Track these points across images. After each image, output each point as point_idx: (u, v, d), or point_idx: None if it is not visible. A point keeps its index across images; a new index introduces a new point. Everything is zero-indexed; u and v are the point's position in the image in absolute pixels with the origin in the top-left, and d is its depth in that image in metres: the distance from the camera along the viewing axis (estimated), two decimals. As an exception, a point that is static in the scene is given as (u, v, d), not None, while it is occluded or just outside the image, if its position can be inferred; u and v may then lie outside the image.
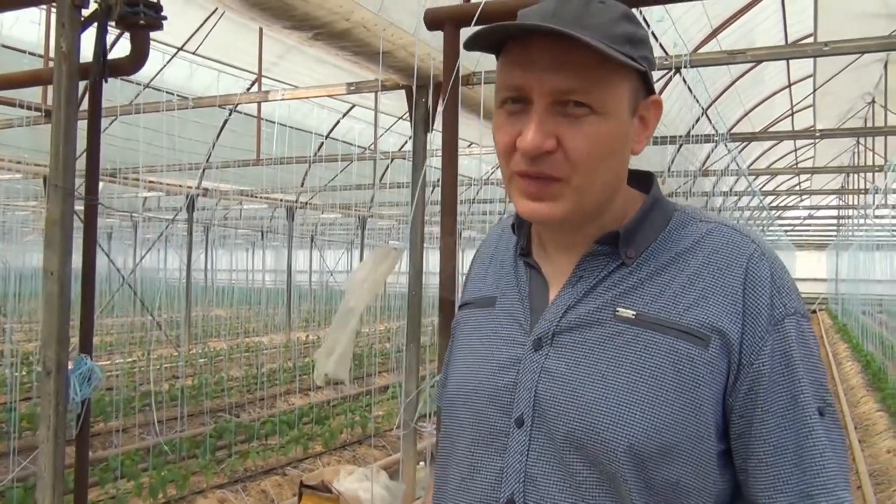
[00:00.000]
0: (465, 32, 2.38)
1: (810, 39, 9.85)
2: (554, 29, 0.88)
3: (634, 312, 0.95)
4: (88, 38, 2.81)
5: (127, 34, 2.93)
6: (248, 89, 9.72)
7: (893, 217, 18.55)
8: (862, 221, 16.69)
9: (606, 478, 0.91)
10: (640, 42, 0.95)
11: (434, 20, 2.42)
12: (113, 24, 2.72)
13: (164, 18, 2.79)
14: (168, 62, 8.83)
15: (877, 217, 16.02)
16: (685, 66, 4.31)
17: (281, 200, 13.86)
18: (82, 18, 2.72)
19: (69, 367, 2.79)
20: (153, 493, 5.17)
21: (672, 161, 11.62)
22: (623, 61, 0.90)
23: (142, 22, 2.71)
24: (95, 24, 2.73)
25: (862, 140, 13.19)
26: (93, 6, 2.77)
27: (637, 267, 0.98)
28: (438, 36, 2.64)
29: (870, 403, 9.54)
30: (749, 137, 10.16)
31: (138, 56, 2.84)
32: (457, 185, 2.47)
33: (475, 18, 2.21)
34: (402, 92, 4.51)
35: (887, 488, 6.11)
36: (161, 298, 18.12)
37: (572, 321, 0.97)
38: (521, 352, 0.99)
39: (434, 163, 3.90)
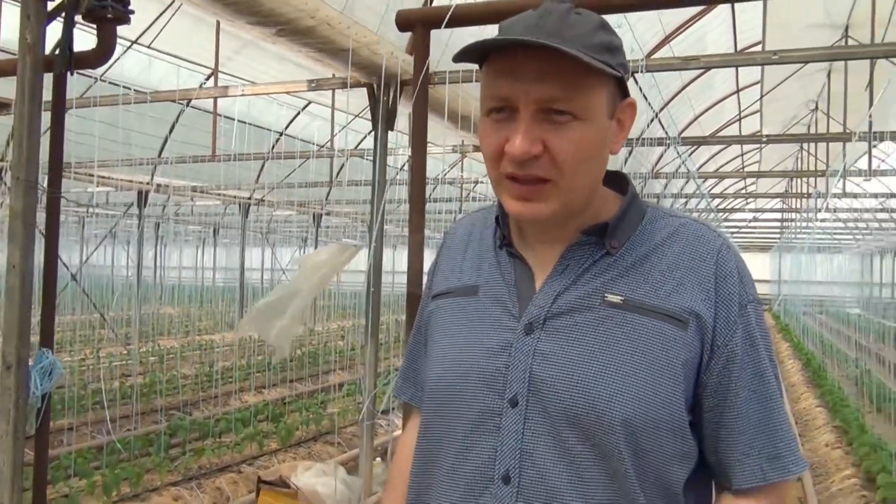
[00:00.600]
0: (435, 34, 2.44)
1: (759, 48, 10.18)
2: (542, 43, 0.95)
3: (622, 298, 1.04)
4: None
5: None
6: (204, 83, 9.61)
7: (834, 221, 19.23)
8: (804, 225, 17.25)
9: (599, 450, 0.99)
10: (617, 50, 1.03)
11: (405, 21, 2.48)
12: (80, 17, 2.70)
13: (132, 12, 2.79)
14: (122, 54, 8.69)
15: (818, 221, 16.55)
16: (640, 71, 4.43)
17: (235, 197, 13.72)
18: (48, 11, 2.71)
19: (30, 362, 2.77)
20: (107, 491, 5.11)
21: (625, 162, 11.86)
22: (602, 69, 0.98)
23: (109, 16, 2.70)
24: (62, 18, 2.72)
25: (805, 146, 13.64)
26: (58, -2, 2.76)
27: (620, 257, 1.07)
28: (402, 36, 2.70)
29: (810, 399, 9.88)
30: (698, 141, 10.45)
31: (105, 49, 2.83)
32: (425, 183, 2.54)
33: (445, 21, 2.27)
34: (361, 89, 4.54)
35: (825, 479, 6.36)
36: (110, 296, 17.80)
37: (563, 306, 1.05)
38: (511, 336, 1.06)
39: (393, 161, 3.95)
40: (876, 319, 20.89)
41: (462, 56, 1.04)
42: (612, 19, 1.25)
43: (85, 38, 3.02)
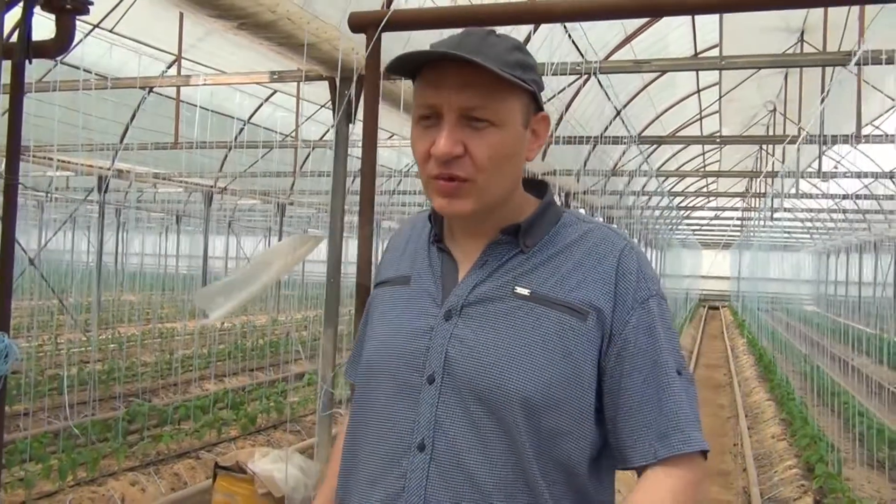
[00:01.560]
0: (387, 36, 2.53)
1: (717, 50, 10.41)
2: (463, 57, 1.08)
3: (529, 291, 1.17)
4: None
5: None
6: (167, 70, 9.57)
7: (791, 221, 19.69)
8: (761, 224, 17.67)
9: (502, 424, 1.12)
10: (530, 68, 1.17)
11: (358, 24, 2.57)
12: (39, 7, 2.74)
13: (91, 3, 2.84)
14: (82, 39, 8.61)
15: (774, 220, 16.95)
16: (594, 74, 4.56)
17: (198, 185, 13.64)
18: (7, 0, 2.74)
19: (-15, 345, 2.81)
20: (62, 475, 5.12)
21: (586, 160, 12.06)
22: (515, 82, 1.12)
23: (68, 6, 2.75)
24: (21, 6, 2.75)
25: (765, 146, 13.97)
26: (18, -13, 2.79)
27: (532, 255, 1.20)
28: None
29: (760, 393, 10.19)
30: (657, 140, 10.69)
31: (63, 39, 2.88)
32: (375, 178, 2.64)
33: (383, 22, 2.37)
34: (326, 81, 4.61)
35: (769, 470, 6.61)
36: (69, 282, 17.59)
37: (478, 296, 1.19)
38: (433, 321, 1.20)
39: (356, 153, 4.03)
40: (830, 316, 21.49)
41: (395, 69, 1.17)
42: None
43: (44, 23, 3.05)
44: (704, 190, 20.66)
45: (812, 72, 9.15)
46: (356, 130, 4.41)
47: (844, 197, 13.82)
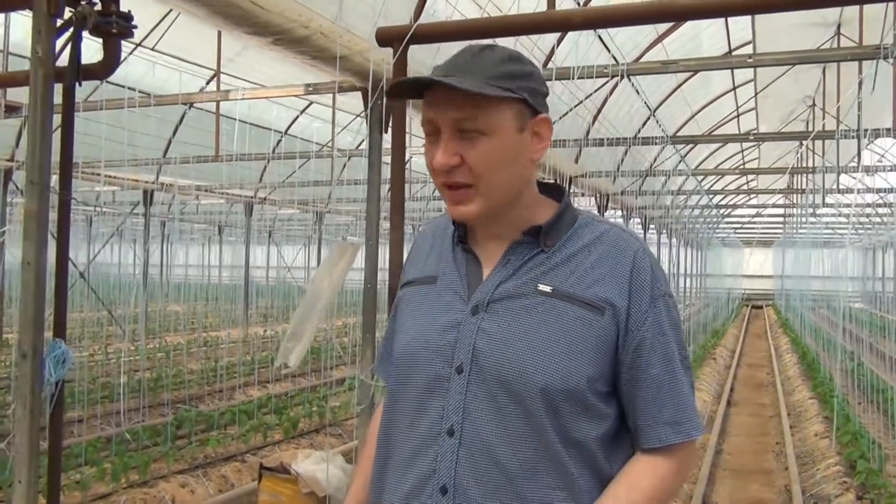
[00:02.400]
0: (417, 46, 2.64)
1: (750, 47, 10.33)
2: (440, 81, 1.21)
3: (551, 288, 1.28)
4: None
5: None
6: (206, 85, 9.83)
7: (836, 216, 19.34)
8: (804, 220, 17.42)
9: (525, 410, 1.23)
10: (520, 76, 1.27)
11: (384, 38, 2.69)
12: (87, 32, 2.91)
13: (135, 27, 3.00)
14: (126, 58, 8.90)
15: (817, 216, 16.67)
16: (624, 76, 4.62)
17: (239, 196, 13.94)
18: (57, 26, 2.92)
19: (44, 351, 2.99)
20: (115, 478, 5.34)
21: (622, 161, 12.04)
22: (495, 94, 1.22)
23: (114, 30, 2.92)
24: (70, 32, 2.93)
25: (806, 141, 13.78)
26: (67, 14, 2.97)
27: (552, 254, 1.31)
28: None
29: (804, 392, 10.07)
30: (690, 140, 10.63)
31: (110, 62, 3.05)
32: (404, 185, 2.75)
33: (408, 36, 2.48)
34: (359, 92, 4.75)
35: (811, 467, 6.56)
36: (117, 293, 18.08)
37: (503, 293, 1.29)
38: (461, 316, 1.30)
39: (390, 160, 4.16)
40: (877, 313, 21.02)
41: (399, 94, 1.32)
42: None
43: (90, 45, 3.21)
44: (744, 188, 20.37)
45: (850, 65, 9.04)
46: (389, 138, 4.54)
47: (889, 191, 13.53)
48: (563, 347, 1.23)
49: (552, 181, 1.45)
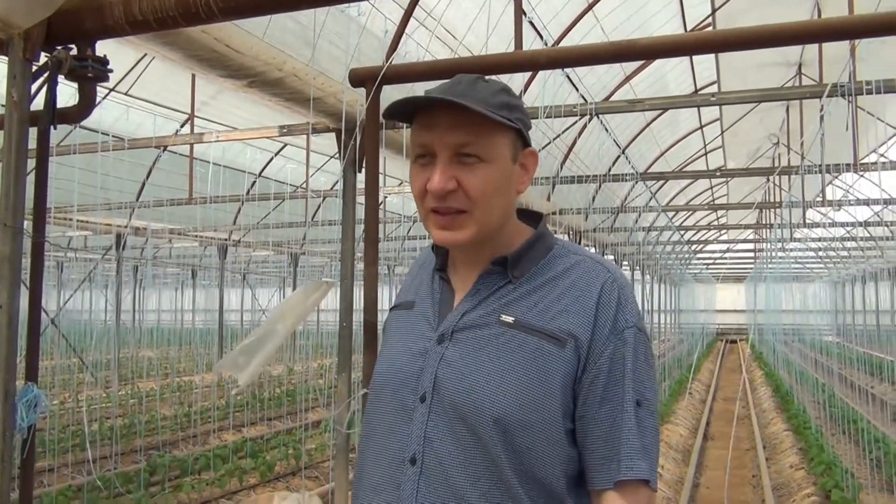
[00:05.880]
0: (391, 87, 2.71)
1: (716, 87, 10.61)
2: (451, 100, 1.22)
3: (513, 319, 1.26)
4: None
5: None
6: (180, 128, 9.87)
7: (804, 251, 19.66)
8: (773, 255, 17.69)
9: (481, 442, 1.21)
10: (515, 108, 1.29)
11: (357, 79, 2.75)
12: (63, 76, 2.94)
13: (111, 71, 3.04)
14: (100, 102, 8.91)
15: (786, 251, 16.95)
16: (593, 115, 4.73)
17: (213, 238, 13.88)
18: (33, 71, 2.95)
19: (15, 395, 2.95)
20: (87, 528, 5.22)
21: (593, 198, 12.21)
22: (500, 121, 1.24)
23: (90, 75, 2.95)
24: (45, 76, 2.96)
25: (773, 178, 14.07)
26: (43, 58, 3.00)
27: (520, 284, 1.30)
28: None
29: (778, 424, 10.14)
30: (660, 177, 10.84)
31: (86, 106, 3.08)
32: (378, 222, 2.79)
33: (380, 77, 2.55)
34: (333, 133, 4.82)
35: (787, 499, 6.59)
36: (88, 339, 17.79)
37: (467, 322, 1.29)
38: (428, 345, 1.31)
39: (364, 200, 4.20)
40: (849, 346, 21.29)
41: (393, 114, 1.30)
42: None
43: (64, 89, 3.24)
44: (715, 223, 20.69)
45: (812, 104, 9.30)
46: (363, 178, 4.60)
47: (854, 225, 13.82)
48: (518, 378, 1.20)
49: (533, 209, 1.44)
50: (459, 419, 1.22)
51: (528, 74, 7.97)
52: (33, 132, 3.03)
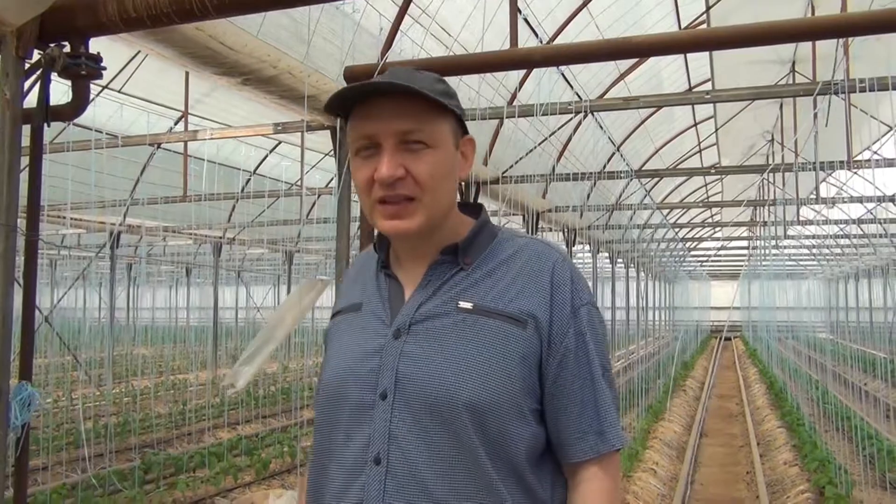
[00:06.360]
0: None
1: (710, 85, 10.63)
2: (404, 85, 1.21)
3: (472, 304, 1.27)
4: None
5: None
6: (174, 126, 9.84)
7: (798, 248, 19.72)
8: (767, 252, 17.74)
9: (453, 432, 1.20)
10: (453, 96, 1.31)
11: (352, 76, 2.75)
12: (56, 74, 2.94)
13: (104, 69, 3.03)
14: (93, 100, 8.88)
15: (780, 248, 16.98)
16: (587, 112, 4.73)
17: (207, 236, 13.86)
18: (26, 69, 2.94)
19: (10, 393, 2.94)
20: (81, 526, 5.21)
21: (588, 196, 12.23)
22: (445, 105, 1.26)
23: (83, 72, 2.94)
24: (38, 73, 2.95)
25: (767, 175, 14.10)
26: (36, 56, 2.99)
27: (472, 271, 1.31)
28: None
29: (772, 421, 10.17)
30: (655, 174, 10.84)
31: (79, 103, 3.07)
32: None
33: (375, 74, 2.55)
34: (328, 130, 4.81)
35: (782, 495, 6.61)
36: (82, 337, 17.75)
37: (424, 314, 1.28)
38: (383, 341, 1.29)
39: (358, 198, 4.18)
40: (843, 343, 21.38)
41: (336, 105, 1.28)
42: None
43: (57, 87, 3.23)
44: (709, 221, 20.75)
45: (805, 101, 9.32)
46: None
47: (847, 222, 13.87)
48: (485, 361, 1.22)
49: (474, 202, 1.45)
50: (427, 412, 1.21)
51: (522, 72, 7.97)
52: (26, 130, 3.02)
